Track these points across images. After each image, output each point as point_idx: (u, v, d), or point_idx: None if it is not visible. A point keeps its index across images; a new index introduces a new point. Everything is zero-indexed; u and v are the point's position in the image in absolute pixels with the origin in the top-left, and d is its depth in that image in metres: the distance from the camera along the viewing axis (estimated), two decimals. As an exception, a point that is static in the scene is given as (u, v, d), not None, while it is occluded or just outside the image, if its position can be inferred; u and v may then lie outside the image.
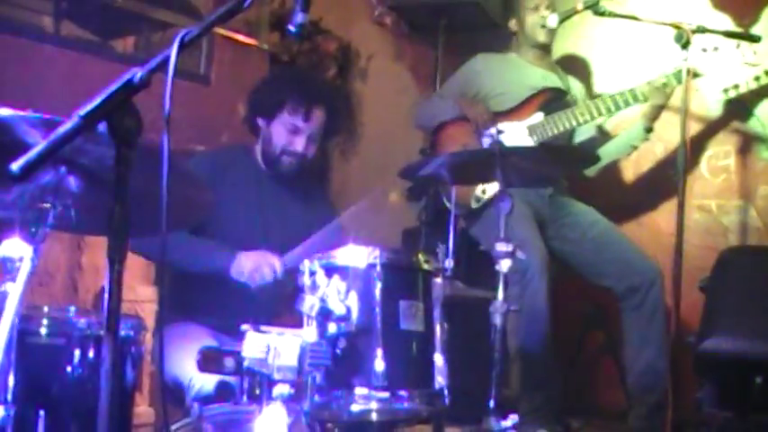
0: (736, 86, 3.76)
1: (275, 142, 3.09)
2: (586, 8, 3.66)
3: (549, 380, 3.52)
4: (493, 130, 2.62)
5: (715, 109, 4.01)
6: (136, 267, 3.08)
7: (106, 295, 1.52)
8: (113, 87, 1.49)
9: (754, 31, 3.91)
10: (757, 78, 3.74)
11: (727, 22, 4.02)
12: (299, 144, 3.08)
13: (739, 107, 3.95)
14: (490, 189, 3.66)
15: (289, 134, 3.07)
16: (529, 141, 3.75)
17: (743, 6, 4.03)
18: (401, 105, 4.64)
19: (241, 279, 2.87)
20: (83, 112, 1.46)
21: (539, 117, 3.79)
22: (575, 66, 4.33)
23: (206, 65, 4.32)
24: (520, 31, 4.07)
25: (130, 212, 1.54)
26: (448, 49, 4.54)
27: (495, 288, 2.49)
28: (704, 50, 3.61)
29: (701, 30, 3.45)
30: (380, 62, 5.04)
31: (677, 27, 3.42)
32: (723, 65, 3.66)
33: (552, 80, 3.98)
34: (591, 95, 4.15)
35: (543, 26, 3.91)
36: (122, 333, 2.20)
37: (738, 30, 3.91)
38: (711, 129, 4.07)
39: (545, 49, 4.05)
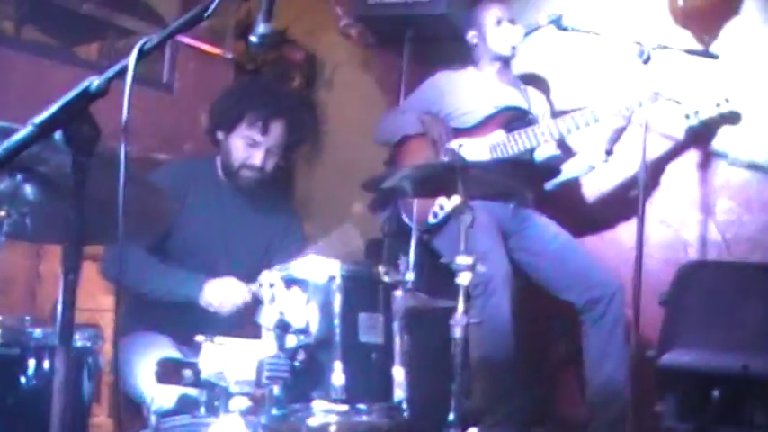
0: (697, 113, 3.81)
1: (234, 156, 3.06)
2: (550, 23, 3.69)
3: (512, 392, 3.52)
4: (454, 144, 2.63)
5: (676, 124, 4.05)
6: (97, 276, 3.05)
7: (60, 306, 1.50)
8: (70, 95, 1.48)
9: (714, 48, 3.97)
10: (718, 105, 3.79)
11: (688, 39, 4.07)
12: (258, 158, 3.05)
13: (699, 125, 3.99)
14: (448, 205, 3.66)
15: (247, 147, 3.04)
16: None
17: (704, 25, 4.08)
18: (366, 115, 4.63)
19: (211, 309, 2.86)
20: (38, 120, 1.45)
21: (500, 135, 3.80)
22: (536, 81, 4.34)
23: (169, 73, 4.28)
24: (481, 45, 4.03)
25: (87, 221, 1.53)
26: (414, 60, 4.54)
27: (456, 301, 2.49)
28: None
29: (663, 47, 3.51)
30: (346, 72, 5.03)
31: (639, 44, 3.47)
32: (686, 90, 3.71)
33: (513, 97, 3.98)
34: (552, 111, 4.17)
35: (507, 40, 3.92)
36: (79, 344, 2.18)
37: (699, 47, 3.96)
38: (672, 143, 4.11)
39: (506, 63, 4.05)
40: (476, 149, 3.73)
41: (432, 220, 3.73)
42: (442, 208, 3.70)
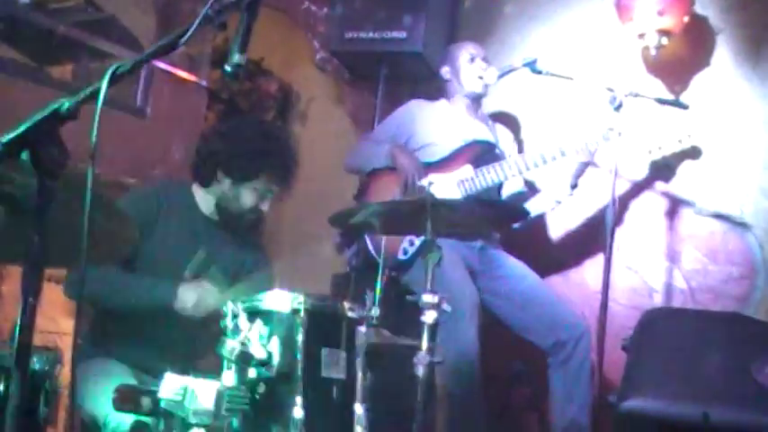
0: (660, 147, 3.85)
1: (243, 202, 3.05)
2: (524, 66, 3.73)
3: (476, 424, 3.49)
4: (425, 182, 2.63)
5: (643, 170, 4.10)
6: (59, 299, 3.00)
7: (17, 329, 1.48)
8: (39, 116, 1.46)
9: (683, 98, 4.02)
10: (680, 141, 3.83)
11: (659, 87, 4.13)
12: (267, 204, 3.08)
13: (665, 169, 4.04)
14: (419, 241, 3.67)
15: (259, 197, 3.06)
16: (457, 194, 3.77)
17: (675, 74, 4.15)
18: (339, 149, 4.64)
19: (186, 313, 2.82)
20: (4, 139, 1.43)
21: (468, 170, 3.81)
22: (507, 120, 4.38)
23: (142, 97, 4.24)
24: (454, 81, 4.08)
25: (50, 243, 1.51)
26: (388, 96, 4.56)
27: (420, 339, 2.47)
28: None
29: (634, 95, 3.56)
30: (320, 105, 5.04)
31: (611, 90, 3.52)
32: (649, 126, 3.75)
33: (482, 132, 4.01)
34: (521, 150, 4.20)
35: (481, 78, 3.95)
36: (37, 367, 2.14)
37: (670, 96, 4.02)
38: (640, 190, 4.15)
39: (477, 99, 4.09)
40: (444, 185, 3.74)
41: (401, 256, 3.72)
42: (412, 244, 3.70)
